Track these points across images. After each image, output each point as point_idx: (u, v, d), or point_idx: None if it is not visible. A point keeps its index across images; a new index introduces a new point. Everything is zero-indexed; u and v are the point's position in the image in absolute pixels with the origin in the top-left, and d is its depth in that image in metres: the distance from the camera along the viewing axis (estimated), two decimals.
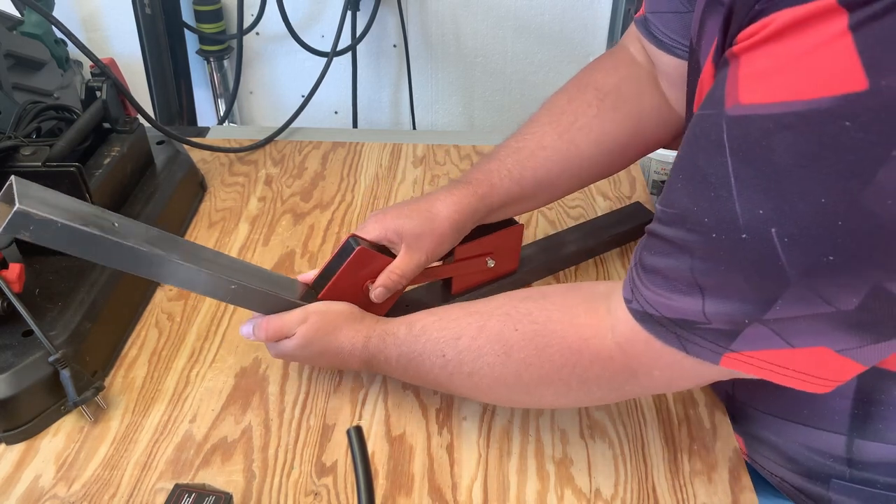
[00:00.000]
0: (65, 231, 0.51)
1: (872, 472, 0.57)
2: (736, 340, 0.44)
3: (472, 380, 0.57)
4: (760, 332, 0.42)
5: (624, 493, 0.59)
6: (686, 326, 0.45)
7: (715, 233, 0.41)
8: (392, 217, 0.67)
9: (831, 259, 0.38)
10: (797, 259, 0.38)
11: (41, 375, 0.62)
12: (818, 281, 0.39)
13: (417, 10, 1.60)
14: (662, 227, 0.46)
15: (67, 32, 0.81)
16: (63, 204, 0.52)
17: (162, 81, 1.40)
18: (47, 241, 0.50)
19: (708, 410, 0.66)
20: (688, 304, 0.44)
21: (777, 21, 0.36)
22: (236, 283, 0.60)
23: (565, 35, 1.62)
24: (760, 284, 0.41)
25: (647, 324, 0.47)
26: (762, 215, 0.38)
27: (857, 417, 0.55)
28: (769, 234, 0.38)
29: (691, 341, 0.45)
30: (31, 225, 0.49)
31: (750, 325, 0.42)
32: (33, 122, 0.75)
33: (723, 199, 0.40)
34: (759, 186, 0.38)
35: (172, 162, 0.91)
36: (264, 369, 0.70)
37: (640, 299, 0.47)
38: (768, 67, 0.37)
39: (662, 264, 0.46)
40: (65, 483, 0.59)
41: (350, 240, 0.65)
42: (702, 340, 0.45)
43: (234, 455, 0.62)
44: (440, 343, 0.58)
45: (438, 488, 0.59)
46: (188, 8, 1.58)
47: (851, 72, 0.34)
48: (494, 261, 0.75)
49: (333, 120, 1.77)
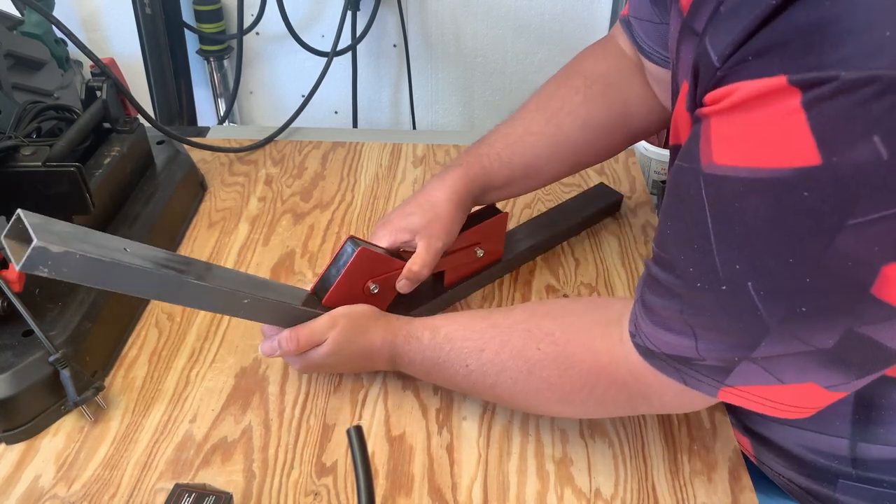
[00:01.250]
0: (83, 263, 0.49)
1: (878, 471, 0.57)
2: (730, 376, 0.46)
3: (494, 391, 0.59)
4: (751, 368, 0.45)
5: (624, 493, 0.59)
6: (683, 362, 0.48)
7: (699, 282, 0.43)
8: (397, 219, 0.70)
9: (804, 310, 0.40)
10: (773, 310, 0.41)
11: (41, 375, 0.62)
12: (795, 327, 0.41)
13: (417, 10, 1.60)
14: (657, 268, 0.48)
15: (67, 32, 0.81)
16: (71, 233, 0.50)
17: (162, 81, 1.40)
18: (64, 274, 0.49)
19: (708, 410, 0.66)
20: (682, 341, 0.47)
21: (739, 91, 0.38)
22: (249, 297, 0.59)
23: (565, 35, 1.61)
24: (744, 329, 0.43)
25: (650, 358, 0.50)
26: (738, 270, 0.41)
27: (858, 422, 0.56)
28: (746, 287, 0.41)
29: (690, 375, 0.48)
30: (50, 260, 0.47)
31: (741, 363, 0.45)
32: (33, 122, 0.75)
33: (704, 251, 0.42)
34: (733, 243, 0.40)
35: (172, 162, 0.91)
36: (264, 369, 0.70)
37: (642, 335, 0.50)
38: (734, 133, 0.39)
39: (658, 304, 0.48)
40: (65, 483, 0.59)
41: (349, 241, 0.65)
42: (699, 375, 0.47)
43: (234, 455, 0.62)
44: (464, 353, 0.60)
45: (438, 488, 0.59)
46: (188, 8, 1.58)
47: (805, 147, 0.35)
48: (483, 250, 0.76)
49: (333, 120, 1.77)
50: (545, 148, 0.72)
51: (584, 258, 0.85)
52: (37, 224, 0.48)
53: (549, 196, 0.96)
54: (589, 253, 0.86)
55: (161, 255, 0.56)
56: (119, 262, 0.51)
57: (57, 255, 0.47)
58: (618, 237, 0.88)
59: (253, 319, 0.63)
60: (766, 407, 0.47)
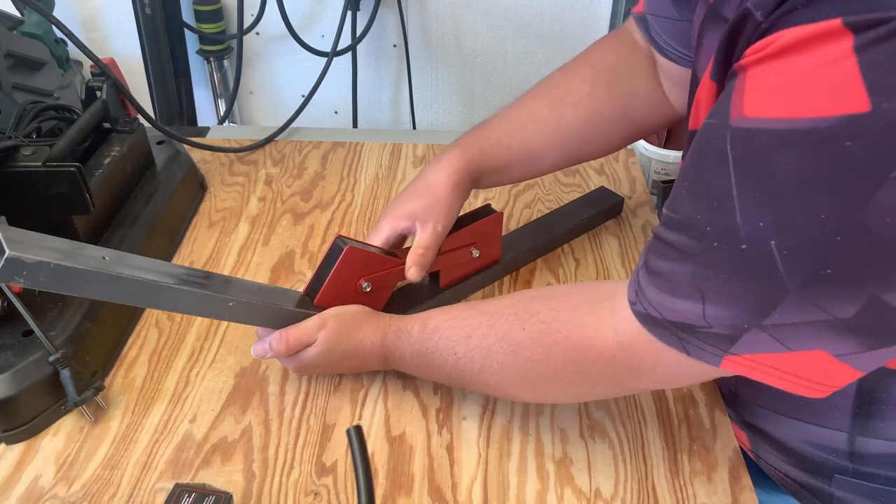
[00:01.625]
0: (58, 271, 0.50)
1: (874, 466, 0.57)
2: (736, 344, 0.44)
3: (482, 377, 0.58)
4: (760, 336, 0.43)
5: (624, 493, 0.59)
6: (687, 330, 0.46)
7: (716, 242, 0.42)
8: (397, 206, 0.70)
9: (829, 272, 0.38)
10: (795, 271, 0.39)
11: (41, 375, 0.62)
12: (816, 292, 0.39)
13: (417, 10, 1.60)
14: (667, 231, 0.46)
15: (67, 32, 0.81)
16: (48, 244, 0.51)
17: (162, 81, 1.40)
18: (41, 284, 0.50)
19: (708, 410, 0.66)
20: (689, 308, 0.45)
21: (784, 38, 0.37)
22: (234, 300, 0.60)
23: (565, 35, 1.61)
24: (759, 294, 0.41)
25: (650, 325, 0.48)
26: (762, 227, 0.39)
27: (858, 416, 0.55)
28: (769, 246, 0.39)
29: (692, 344, 0.46)
30: (25, 270, 0.49)
31: (749, 331, 0.43)
32: (33, 122, 0.75)
33: (725, 209, 0.40)
34: (759, 199, 0.39)
35: (172, 162, 0.91)
36: (264, 369, 0.70)
37: (644, 301, 0.48)
38: (774, 83, 0.38)
39: (666, 268, 0.46)
40: (65, 483, 0.59)
41: (337, 240, 0.66)
42: (703, 343, 0.46)
43: (234, 455, 0.62)
44: (451, 341, 0.59)
45: (438, 488, 0.59)
46: (188, 8, 1.58)
47: (854, 93, 0.34)
48: (479, 250, 0.76)
49: (333, 120, 1.77)
50: (546, 136, 0.72)
51: (584, 258, 0.85)
52: (11, 236, 0.49)
53: (549, 196, 0.96)
54: (589, 253, 0.86)
55: (140, 262, 0.56)
56: (95, 270, 0.52)
57: (31, 264, 0.48)
58: (618, 237, 0.88)
59: (240, 322, 0.63)
60: (770, 376, 0.45)
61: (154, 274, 0.55)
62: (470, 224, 0.74)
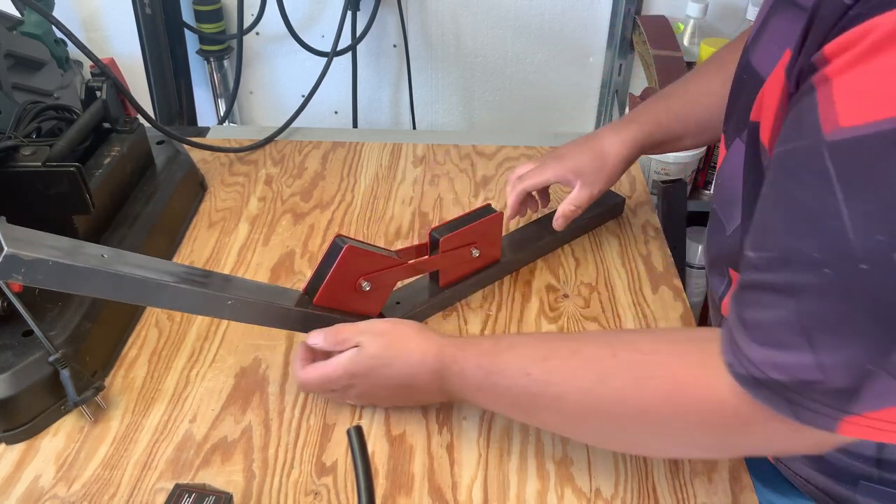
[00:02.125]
0: (57, 269, 0.50)
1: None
2: (858, 399, 0.39)
3: (559, 404, 0.52)
4: (886, 384, 0.38)
5: (624, 493, 0.59)
6: (799, 389, 0.40)
7: (828, 268, 0.38)
8: (568, 157, 0.77)
9: None
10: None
11: (41, 375, 0.62)
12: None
13: (417, 10, 1.60)
14: (761, 274, 0.42)
15: (67, 32, 0.81)
16: (47, 242, 0.52)
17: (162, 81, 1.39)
18: (40, 281, 0.50)
19: None
20: (799, 358, 0.40)
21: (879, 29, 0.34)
22: (233, 299, 0.60)
23: (565, 35, 1.61)
24: (885, 318, 0.37)
25: (754, 389, 0.43)
26: (882, 241, 0.36)
27: None
28: (891, 259, 0.35)
29: (805, 406, 0.41)
30: (23, 267, 0.49)
31: (874, 376, 0.38)
32: (33, 122, 0.75)
33: (834, 229, 0.37)
34: (874, 210, 0.36)
35: (172, 162, 0.91)
36: (264, 369, 0.70)
37: (745, 361, 0.43)
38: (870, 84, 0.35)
39: (765, 316, 0.41)
40: (65, 483, 0.59)
41: (337, 240, 0.66)
42: (816, 405, 0.40)
43: (234, 455, 0.62)
44: (526, 359, 0.54)
45: (438, 488, 0.59)
46: (188, 8, 1.58)
47: None
48: (479, 250, 0.76)
49: (333, 120, 1.77)
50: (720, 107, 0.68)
51: (584, 258, 0.85)
52: (9, 234, 0.49)
53: None
54: (589, 253, 0.86)
55: (140, 261, 0.56)
56: (94, 268, 0.52)
57: (29, 262, 0.49)
58: (618, 237, 0.88)
59: (240, 321, 0.63)
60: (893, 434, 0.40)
61: (153, 272, 0.56)
62: (470, 224, 0.74)
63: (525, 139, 1.08)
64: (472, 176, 1.00)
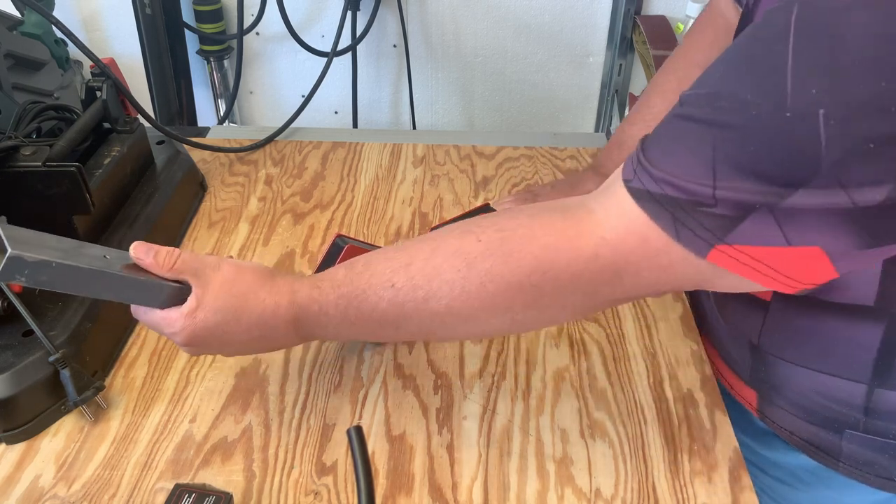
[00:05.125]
0: (60, 270, 0.50)
1: (888, 420, 0.57)
2: (734, 231, 0.42)
3: (428, 305, 0.51)
4: (764, 222, 0.41)
5: (624, 493, 0.59)
6: (688, 208, 0.43)
7: (755, 110, 0.40)
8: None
9: (871, 147, 0.37)
10: (837, 144, 0.37)
11: (41, 375, 0.62)
12: (850, 170, 0.38)
13: (417, 10, 1.60)
14: (685, 108, 0.44)
15: (67, 32, 0.81)
16: (50, 243, 0.51)
17: (162, 81, 1.40)
18: (43, 283, 0.49)
19: (708, 410, 0.66)
20: (698, 184, 0.42)
21: None
22: None
23: (565, 35, 1.62)
24: (789, 168, 0.39)
25: (645, 202, 0.45)
26: (814, 95, 0.37)
27: (879, 367, 0.55)
28: (816, 114, 0.37)
29: (686, 225, 0.43)
30: (27, 269, 0.48)
31: (757, 213, 0.41)
32: (33, 122, 0.75)
33: (774, 76, 0.39)
34: (818, 65, 0.37)
35: (172, 162, 0.91)
36: (264, 369, 0.70)
37: (645, 177, 0.45)
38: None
39: (678, 145, 0.44)
40: (65, 483, 0.59)
41: (337, 239, 0.66)
42: (698, 226, 0.43)
43: (234, 455, 0.62)
44: (388, 273, 0.52)
45: (438, 488, 0.59)
46: (188, 8, 1.58)
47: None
48: None
49: (333, 120, 1.77)
50: None
51: None
52: (12, 235, 0.49)
53: None
54: None
55: None
56: (97, 269, 0.51)
57: (33, 264, 0.48)
58: None
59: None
60: (756, 272, 0.44)
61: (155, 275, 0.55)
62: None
63: (525, 139, 1.08)
64: (472, 176, 1.00)
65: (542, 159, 1.03)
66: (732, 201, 0.41)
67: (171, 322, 0.55)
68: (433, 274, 0.50)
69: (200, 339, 0.55)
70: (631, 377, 0.69)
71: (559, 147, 1.06)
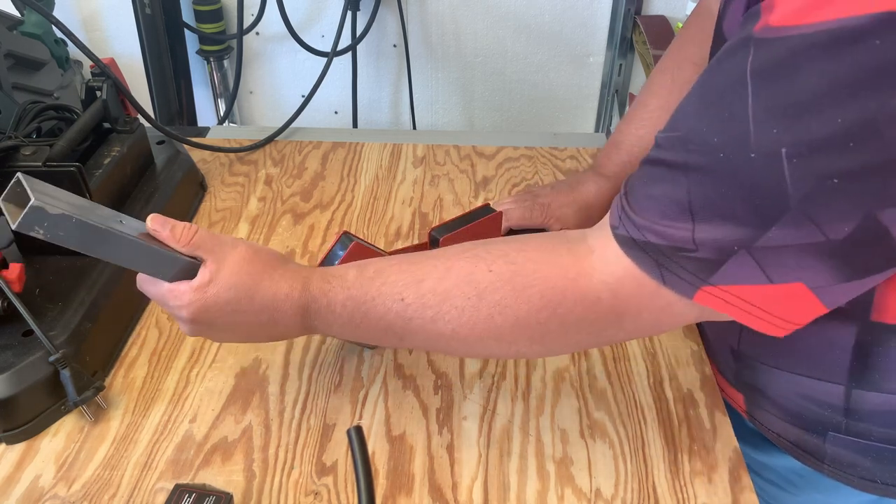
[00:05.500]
0: (78, 227, 0.49)
1: (868, 422, 0.57)
2: (717, 272, 0.43)
3: (436, 325, 0.52)
4: (745, 263, 0.42)
5: (624, 494, 0.59)
6: (669, 253, 0.44)
7: (722, 152, 0.41)
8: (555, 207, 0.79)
9: (834, 182, 0.38)
10: (801, 181, 0.38)
11: (41, 375, 0.62)
12: (816, 205, 0.39)
13: (417, 10, 1.60)
14: (661, 152, 0.45)
15: (67, 32, 0.81)
16: (71, 200, 0.50)
17: (162, 81, 1.40)
18: (60, 238, 0.49)
19: (708, 411, 0.66)
20: (677, 229, 0.43)
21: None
22: None
23: (565, 35, 1.62)
24: (759, 207, 0.40)
25: (630, 249, 0.46)
26: (775, 135, 0.38)
27: (855, 369, 0.55)
28: (779, 153, 0.38)
29: (671, 270, 0.45)
30: (46, 221, 0.47)
31: (737, 254, 0.42)
32: (33, 122, 0.75)
33: (737, 118, 0.40)
34: (777, 105, 0.38)
35: (172, 162, 0.91)
36: (264, 369, 0.70)
37: (628, 225, 0.46)
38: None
39: (654, 190, 0.45)
40: (65, 483, 0.59)
41: (343, 236, 0.66)
42: (681, 270, 0.44)
43: (234, 455, 0.62)
44: (399, 285, 0.52)
45: (438, 488, 0.59)
46: (188, 8, 1.58)
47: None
48: None
49: (333, 120, 1.77)
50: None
51: None
52: (35, 187, 0.48)
53: None
54: None
55: None
56: (117, 232, 0.51)
57: (54, 216, 0.47)
58: None
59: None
60: (743, 312, 0.45)
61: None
62: (470, 223, 0.74)
63: (525, 139, 1.08)
64: (472, 176, 1.00)
65: (542, 159, 1.03)
66: (712, 244, 0.42)
67: (178, 295, 0.53)
68: (444, 296, 0.51)
69: (208, 316, 0.54)
70: (631, 377, 0.69)
71: (559, 147, 1.06)
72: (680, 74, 0.75)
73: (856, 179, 0.38)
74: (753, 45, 0.40)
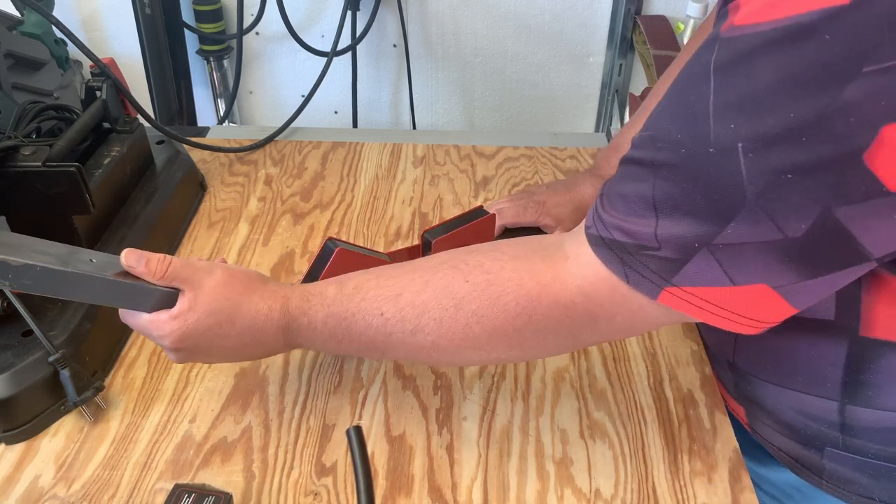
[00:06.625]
0: (44, 274, 0.49)
1: (864, 438, 0.57)
2: (680, 273, 0.43)
3: (415, 338, 0.53)
4: (706, 262, 0.42)
5: (624, 494, 0.59)
6: (634, 251, 0.45)
7: (684, 148, 0.41)
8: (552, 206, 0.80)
9: (789, 177, 0.38)
10: (757, 175, 0.39)
11: (41, 375, 0.62)
12: (773, 200, 0.39)
13: (417, 10, 1.60)
14: (634, 151, 0.46)
15: (67, 32, 0.81)
16: (41, 248, 0.51)
17: (162, 81, 1.40)
18: (28, 287, 0.49)
19: (708, 411, 0.66)
20: (641, 225, 0.44)
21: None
22: None
23: (565, 35, 1.61)
24: (718, 202, 0.41)
25: (598, 248, 0.47)
26: (732, 129, 0.39)
27: (848, 385, 0.55)
28: (736, 148, 0.39)
29: (634, 269, 0.45)
30: (10, 273, 0.48)
31: (698, 253, 0.42)
32: (33, 122, 0.75)
33: (699, 115, 0.40)
34: (734, 101, 0.39)
35: (172, 162, 0.91)
36: (264, 370, 0.70)
37: (598, 223, 0.47)
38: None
39: (626, 188, 0.46)
40: (65, 483, 0.59)
41: (328, 242, 0.66)
42: (645, 269, 0.45)
43: (233, 455, 0.62)
44: (378, 301, 0.53)
45: (438, 488, 0.59)
46: (188, 8, 1.58)
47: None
48: None
49: (333, 120, 1.77)
50: None
51: None
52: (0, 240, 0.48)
53: None
54: None
55: None
56: (81, 273, 0.51)
57: (15, 268, 0.48)
58: None
59: None
60: (708, 313, 0.45)
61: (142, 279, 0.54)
62: (462, 226, 0.74)
63: (525, 139, 1.08)
64: (472, 176, 1.00)
65: (542, 159, 1.03)
66: (674, 242, 0.43)
67: (159, 325, 0.55)
68: (422, 309, 0.52)
69: (190, 342, 0.55)
70: (631, 377, 0.69)
71: (559, 147, 1.06)
72: None
73: (809, 175, 0.38)
74: (718, 44, 0.40)
